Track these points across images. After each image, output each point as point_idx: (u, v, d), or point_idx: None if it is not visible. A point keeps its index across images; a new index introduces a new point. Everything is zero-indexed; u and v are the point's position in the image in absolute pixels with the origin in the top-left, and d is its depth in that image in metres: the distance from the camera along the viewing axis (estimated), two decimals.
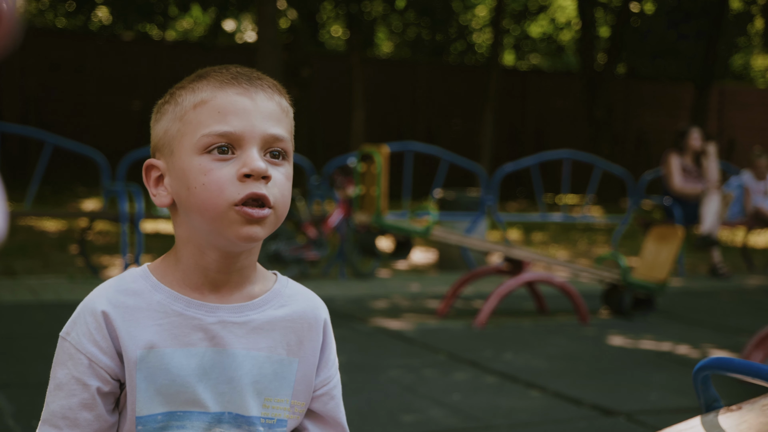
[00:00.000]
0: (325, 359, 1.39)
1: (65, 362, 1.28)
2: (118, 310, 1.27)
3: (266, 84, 1.31)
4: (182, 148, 1.27)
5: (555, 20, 25.45)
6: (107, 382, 1.27)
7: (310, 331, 1.36)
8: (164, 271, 1.32)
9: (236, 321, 1.30)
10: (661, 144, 20.15)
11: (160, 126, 1.32)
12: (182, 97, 1.30)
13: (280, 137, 1.28)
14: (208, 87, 1.28)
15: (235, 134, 1.25)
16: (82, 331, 1.27)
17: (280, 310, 1.34)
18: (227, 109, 1.26)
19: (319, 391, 1.38)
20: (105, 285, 1.31)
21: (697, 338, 5.89)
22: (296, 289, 1.39)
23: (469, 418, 3.89)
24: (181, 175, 1.27)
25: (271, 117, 1.28)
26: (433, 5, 18.56)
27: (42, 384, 1.35)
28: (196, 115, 1.27)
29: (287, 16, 17.98)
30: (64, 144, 8.27)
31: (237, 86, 1.28)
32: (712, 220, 8.92)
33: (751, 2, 21.50)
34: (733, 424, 1.19)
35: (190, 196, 1.25)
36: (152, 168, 1.32)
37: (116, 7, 17.91)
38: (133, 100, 17.60)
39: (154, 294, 1.29)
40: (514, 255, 6.43)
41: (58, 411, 1.26)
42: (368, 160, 6.71)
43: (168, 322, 1.27)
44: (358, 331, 5.72)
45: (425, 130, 19.64)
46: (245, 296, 1.32)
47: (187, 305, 1.29)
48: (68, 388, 1.26)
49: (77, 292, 6.59)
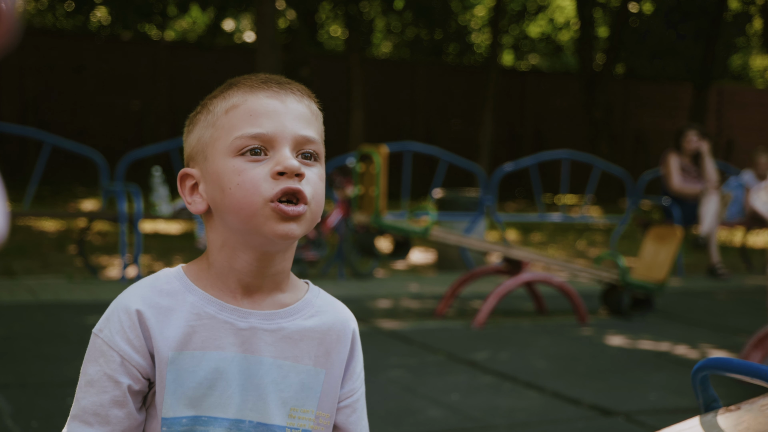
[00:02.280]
0: (351, 371, 1.39)
1: (97, 359, 1.27)
2: (152, 310, 1.27)
3: (296, 88, 1.33)
4: (216, 152, 1.28)
5: (554, 20, 25.46)
6: (138, 381, 1.27)
7: (339, 342, 1.37)
8: (198, 273, 1.32)
9: (267, 328, 1.30)
10: (659, 144, 20.16)
11: (193, 135, 1.33)
12: (214, 105, 1.32)
13: (311, 139, 1.30)
14: (239, 92, 1.30)
15: (267, 135, 1.26)
16: (115, 328, 1.27)
17: (310, 320, 1.34)
18: (258, 112, 1.28)
19: (343, 403, 1.38)
20: (139, 284, 1.32)
21: (695, 338, 5.89)
22: (327, 300, 1.39)
23: (468, 418, 3.89)
24: (216, 178, 1.28)
25: (302, 119, 1.30)
26: (431, 5, 18.56)
27: (41, 384, 1.35)
28: (228, 119, 1.28)
29: (286, 17, 17.98)
30: (62, 144, 8.27)
31: (267, 90, 1.30)
32: (710, 220, 8.92)
33: (749, 2, 21.52)
34: (731, 424, 1.19)
35: (225, 197, 1.26)
36: (187, 177, 1.33)
37: (115, 7, 17.90)
38: (132, 100, 17.59)
39: (188, 295, 1.29)
40: (512, 255, 6.44)
41: (90, 407, 1.26)
42: (367, 160, 6.71)
43: (200, 325, 1.28)
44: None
45: (424, 130, 19.65)
46: (277, 304, 1.33)
47: (220, 309, 1.29)
48: (100, 384, 1.26)
49: (76, 293, 6.59)
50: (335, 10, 19.65)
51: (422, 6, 18.52)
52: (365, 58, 18.91)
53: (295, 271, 6.86)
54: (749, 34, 23.11)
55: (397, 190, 10.15)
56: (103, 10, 19.52)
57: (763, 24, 22.27)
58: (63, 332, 5.27)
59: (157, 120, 17.55)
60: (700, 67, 20.16)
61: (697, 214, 9.07)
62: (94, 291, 6.66)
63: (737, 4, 21.56)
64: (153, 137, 16.28)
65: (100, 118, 17.18)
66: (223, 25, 20.97)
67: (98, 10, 19.69)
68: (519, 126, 20.93)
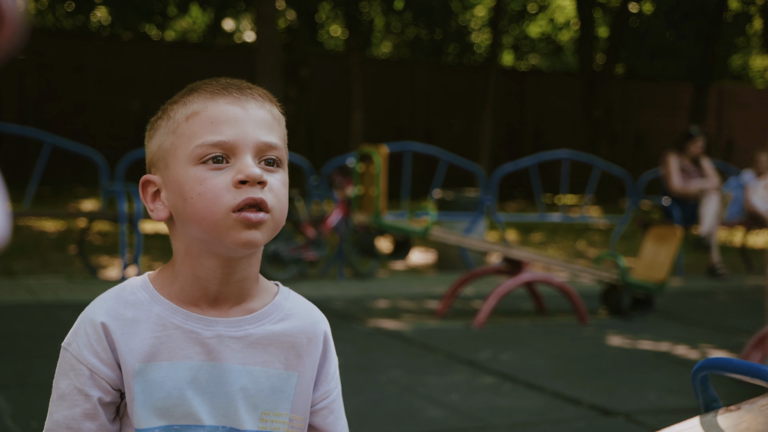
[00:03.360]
0: (325, 373, 1.39)
1: (67, 372, 1.28)
2: (117, 322, 1.27)
3: (257, 93, 1.31)
4: (177, 160, 1.27)
5: (554, 20, 25.45)
6: (108, 393, 1.27)
7: (310, 345, 1.36)
8: (163, 282, 1.31)
9: (233, 335, 1.30)
10: (659, 144, 20.16)
11: (154, 142, 1.32)
12: (174, 111, 1.30)
13: (273, 145, 1.28)
14: (199, 98, 1.28)
15: (229, 143, 1.25)
16: (82, 342, 1.28)
17: (278, 325, 1.34)
18: (219, 119, 1.26)
19: (318, 405, 1.38)
20: (104, 296, 1.31)
21: (695, 338, 5.89)
22: (297, 302, 1.38)
23: (468, 419, 3.89)
24: (177, 187, 1.27)
25: (263, 125, 1.29)
26: (431, 5, 18.56)
27: (41, 384, 1.35)
28: (189, 127, 1.27)
29: (286, 16, 17.99)
30: (62, 144, 8.27)
31: (228, 96, 1.28)
32: (711, 220, 8.92)
33: (749, 2, 21.51)
34: (731, 425, 1.19)
35: (187, 207, 1.25)
36: (149, 183, 1.32)
37: (115, 7, 17.91)
38: (132, 100, 17.59)
39: (153, 306, 1.29)
40: (512, 255, 6.44)
41: (62, 421, 1.27)
42: (367, 160, 6.71)
43: (166, 335, 1.28)
44: (356, 331, 5.72)
45: (424, 130, 19.64)
46: (244, 310, 1.32)
47: (186, 318, 1.29)
48: (71, 398, 1.27)
49: (76, 293, 6.59)
50: (335, 10, 19.66)
51: (422, 6, 18.52)
52: (365, 58, 18.91)
53: (295, 270, 6.82)
54: (749, 34, 23.10)
55: (397, 190, 10.15)
56: (104, 10, 19.54)
57: (763, 24, 22.27)
58: (63, 332, 5.23)
59: None
60: (700, 67, 20.15)
61: (697, 214, 9.08)
62: (94, 291, 6.63)
63: (737, 4, 21.56)
64: None
65: (100, 118, 17.18)
66: (223, 25, 20.97)
67: (98, 10, 19.70)
68: (519, 126, 20.92)
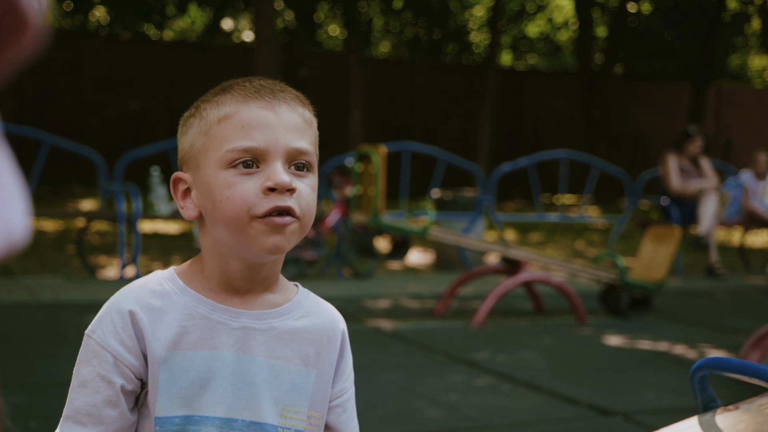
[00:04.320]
0: (341, 371, 1.41)
1: (90, 360, 1.29)
2: (145, 311, 1.29)
3: (289, 96, 1.32)
4: (207, 162, 1.29)
5: (552, 20, 25.46)
6: (131, 381, 1.28)
7: (329, 343, 1.38)
8: (190, 275, 1.34)
9: (259, 328, 1.32)
10: (658, 144, 20.17)
11: (186, 140, 1.34)
12: (206, 111, 1.31)
13: (304, 150, 1.30)
14: (232, 101, 1.30)
15: (259, 149, 1.26)
16: (108, 329, 1.29)
17: (300, 321, 1.36)
18: (251, 124, 1.27)
19: (333, 403, 1.39)
20: (132, 285, 1.33)
21: (694, 338, 5.89)
22: (316, 302, 1.41)
23: (466, 418, 3.89)
24: (207, 189, 1.29)
25: (295, 130, 1.30)
26: (430, 5, 18.56)
27: (39, 384, 1.35)
28: (221, 130, 1.28)
29: (284, 16, 17.98)
30: (61, 144, 8.26)
31: (260, 100, 1.29)
32: (709, 220, 8.93)
33: (748, 2, 21.53)
34: (730, 424, 1.20)
35: (216, 210, 1.27)
36: (180, 181, 1.34)
37: (114, 6, 17.89)
38: (130, 99, 17.58)
39: (180, 296, 1.31)
40: (511, 255, 6.44)
41: (83, 408, 1.27)
42: (366, 160, 6.71)
43: (193, 325, 1.29)
44: (355, 331, 5.71)
45: (423, 130, 19.65)
46: (268, 304, 1.34)
47: (212, 309, 1.31)
48: (93, 385, 1.27)
49: (74, 293, 6.59)
50: (334, 9, 19.65)
51: (421, 6, 18.53)
52: (364, 58, 18.91)
53: (294, 270, 6.83)
54: (747, 34, 23.12)
55: (396, 189, 10.15)
56: (102, 9, 19.53)
57: (761, 24, 22.29)
58: (61, 332, 5.27)
59: (156, 120, 17.54)
60: (699, 67, 20.17)
61: (695, 214, 9.08)
62: (93, 291, 6.66)
63: (736, 4, 21.57)
64: (151, 137, 16.26)
65: (99, 117, 17.17)
66: (221, 25, 20.96)
67: (97, 9, 19.69)
68: (517, 126, 20.93)
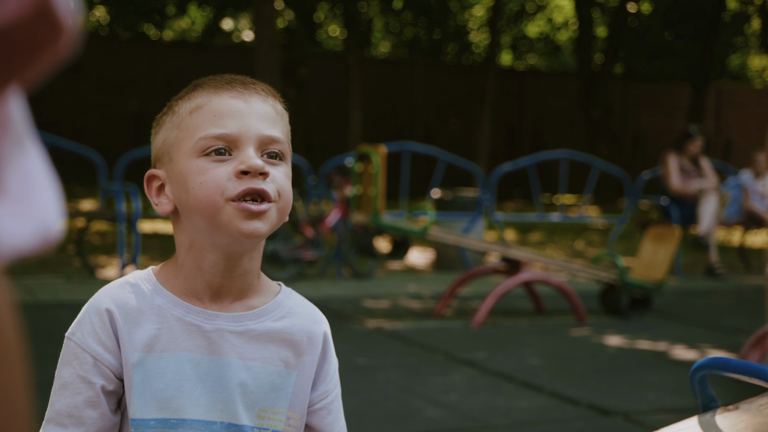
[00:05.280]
0: (324, 373, 1.39)
1: (70, 362, 1.30)
2: (121, 310, 1.29)
3: (260, 88, 1.33)
4: (181, 153, 1.29)
5: (552, 20, 25.47)
6: (111, 381, 1.28)
7: (310, 344, 1.37)
8: (166, 275, 1.33)
9: (234, 330, 1.31)
10: (658, 144, 20.17)
11: (159, 137, 1.35)
12: (179, 106, 1.33)
13: (276, 138, 1.30)
14: (203, 93, 1.31)
15: (232, 136, 1.27)
16: (87, 330, 1.30)
17: (279, 322, 1.34)
18: (222, 112, 1.28)
19: (316, 406, 1.38)
20: (109, 285, 1.34)
21: (694, 338, 5.89)
22: (298, 302, 1.39)
23: (467, 418, 3.89)
24: (181, 179, 1.29)
25: (266, 119, 1.30)
26: (430, 5, 18.56)
27: (39, 384, 1.35)
28: (193, 120, 1.29)
29: (284, 16, 17.99)
30: (61, 144, 8.26)
31: (231, 90, 1.30)
32: (709, 220, 8.93)
33: (748, 2, 21.54)
34: (730, 424, 1.20)
35: (189, 197, 1.27)
36: (153, 178, 1.34)
37: (114, 6, 17.89)
38: (130, 99, 17.59)
39: (156, 297, 1.31)
40: (511, 255, 6.44)
41: (63, 409, 1.28)
42: (365, 160, 6.71)
43: (167, 327, 1.29)
44: (355, 331, 5.72)
45: (422, 130, 19.65)
46: (245, 306, 1.33)
47: (187, 311, 1.30)
48: (73, 386, 1.28)
49: (74, 292, 6.59)
50: (334, 9, 19.66)
51: (421, 6, 18.53)
52: (364, 58, 18.91)
53: (293, 270, 6.82)
54: (747, 34, 23.12)
55: (396, 189, 10.15)
56: (102, 9, 19.52)
57: (761, 24, 22.30)
58: (61, 332, 5.24)
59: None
60: (699, 67, 20.17)
61: (695, 213, 9.08)
62: (93, 291, 6.56)
63: (735, 4, 21.58)
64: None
65: (99, 117, 17.18)
66: (221, 25, 20.97)
67: (97, 9, 19.68)
68: (517, 126, 20.94)
